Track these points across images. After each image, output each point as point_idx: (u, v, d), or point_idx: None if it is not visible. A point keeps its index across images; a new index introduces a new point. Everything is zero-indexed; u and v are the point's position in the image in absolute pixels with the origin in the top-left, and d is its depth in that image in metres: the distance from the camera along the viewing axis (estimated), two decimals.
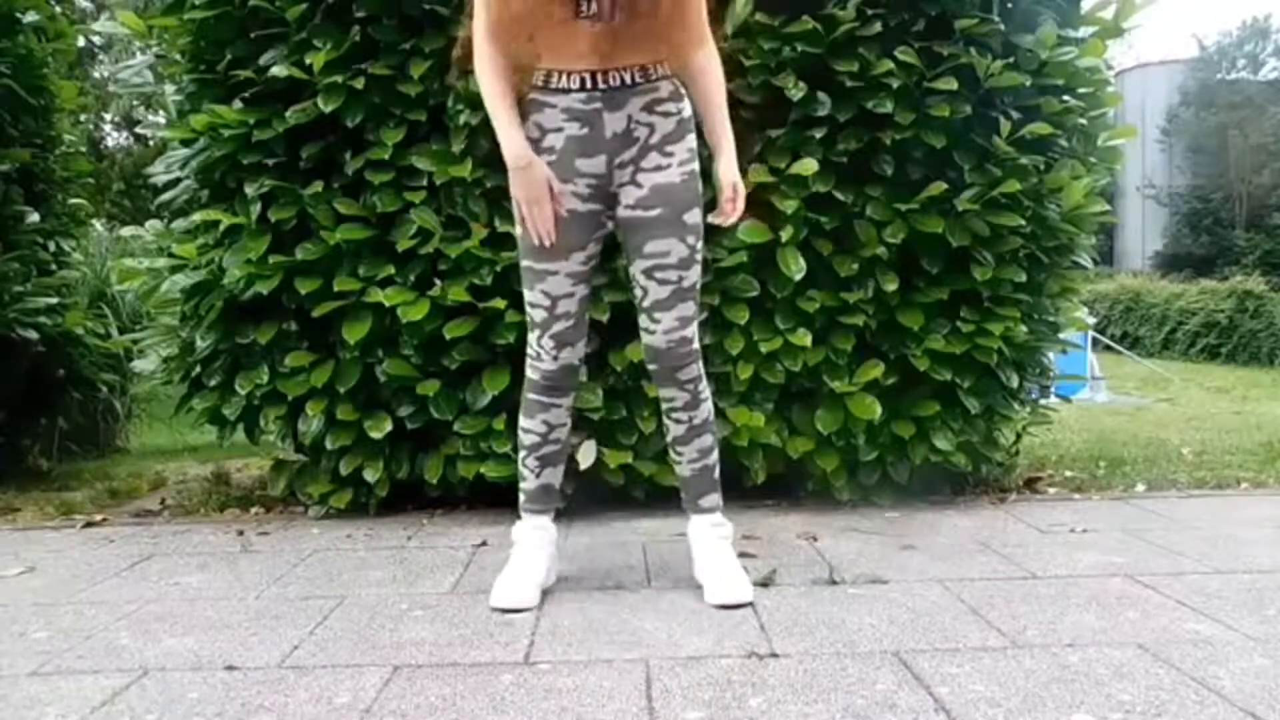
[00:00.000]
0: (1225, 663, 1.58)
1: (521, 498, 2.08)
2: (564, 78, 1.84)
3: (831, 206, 2.66)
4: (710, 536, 2.05)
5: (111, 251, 5.19)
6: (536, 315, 1.97)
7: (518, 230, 1.94)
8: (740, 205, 1.97)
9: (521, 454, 2.07)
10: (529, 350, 2.01)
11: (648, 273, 1.93)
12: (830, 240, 2.68)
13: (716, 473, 2.08)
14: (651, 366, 2.01)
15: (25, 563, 2.41)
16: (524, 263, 1.96)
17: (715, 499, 2.08)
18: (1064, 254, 2.83)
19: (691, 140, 1.94)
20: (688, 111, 1.94)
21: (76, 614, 1.98)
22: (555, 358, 1.98)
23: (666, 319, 1.94)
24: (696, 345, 1.98)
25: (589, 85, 1.84)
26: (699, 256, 1.96)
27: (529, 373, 2.03)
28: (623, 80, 1.84)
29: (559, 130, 1.87)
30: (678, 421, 2.03)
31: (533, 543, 2.03)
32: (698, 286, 1.97)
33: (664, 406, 2.05)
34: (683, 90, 1.94)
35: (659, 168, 1.89)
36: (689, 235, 1.93)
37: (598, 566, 2.24)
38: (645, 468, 2.70)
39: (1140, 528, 2.54)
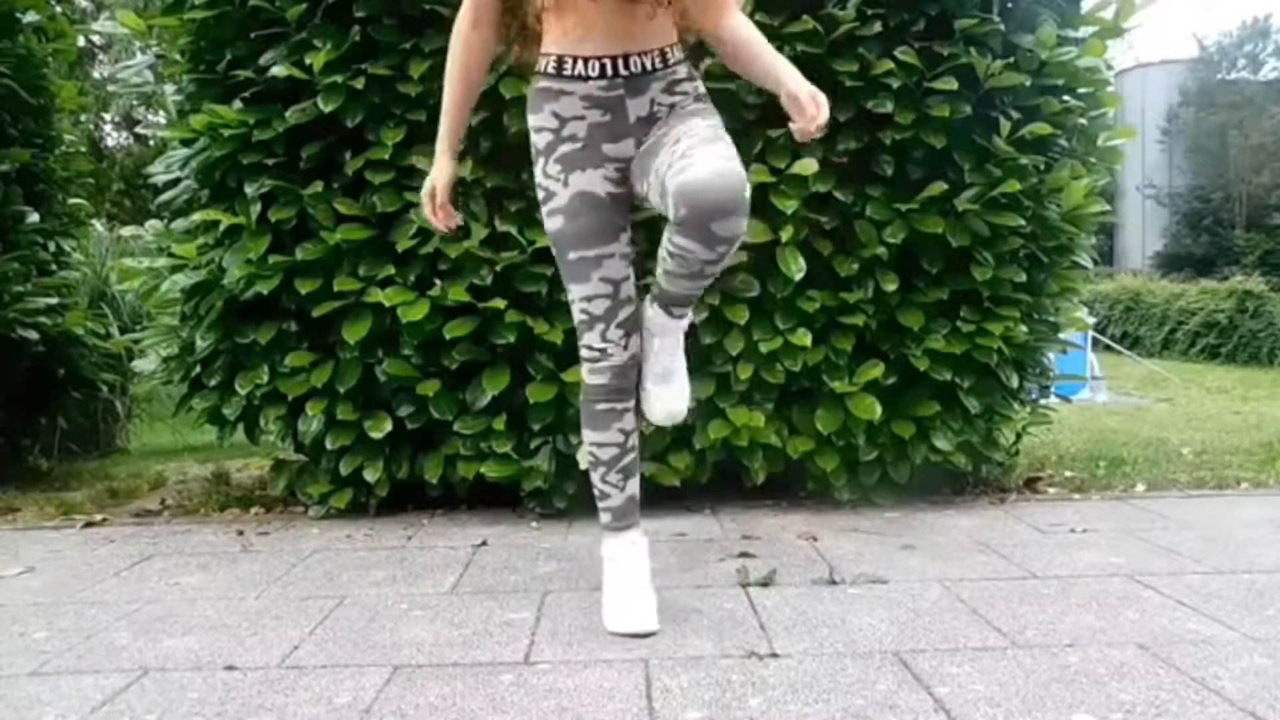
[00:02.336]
0: (1225, 663, 1.58)
1: (606, 517, 1.91)
2: (579, 64, 1.75)
3: (831, 206, 2.67)
4: (672, 327, 1.83)
5: (111, 251, 5.19)
6: (597, 307, 1.81)
7: (553, 225, 1.81)
8: (824, 110, 1.67)
9: (599, 471, 1.89)
10: (588, 354, 1.84)
11: (676, 139, 1.69)
12: (830, 240, 2.68)
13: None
14: (681, 212, 1.59)
15: (25, 563, 2.41)
16: (572, 255, 1.80)
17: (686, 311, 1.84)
18: (1064, 254, 2.83)
19: (706, 101, 1.84)
20: (702, 89, 1.86)
21: (76, 614, 1.98)
22: (625, 347, 1.83)
23: (702, 154, 1.62)
24: (747, 195, 1.61)
25: (609, 72, 1.75)
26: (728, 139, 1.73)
27: (592, 380, 1.85)
28: (644, 66, 1.76)
29: (580, 119, 1.78)
30: (683, 262, 1.67)
31: (634, 559, 1.88)
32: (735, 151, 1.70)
33: (671, 249, 1.67)
34: (695, 71, 1.87)
35: (675, 121, 1.78)
36: (710, 118, 1.77)
37: (597, 566, 2.23)
38: (645, 468, 2.70)
39: (1140, 528, 2.54)
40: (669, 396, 1.86)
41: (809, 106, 1.67)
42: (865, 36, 2.58)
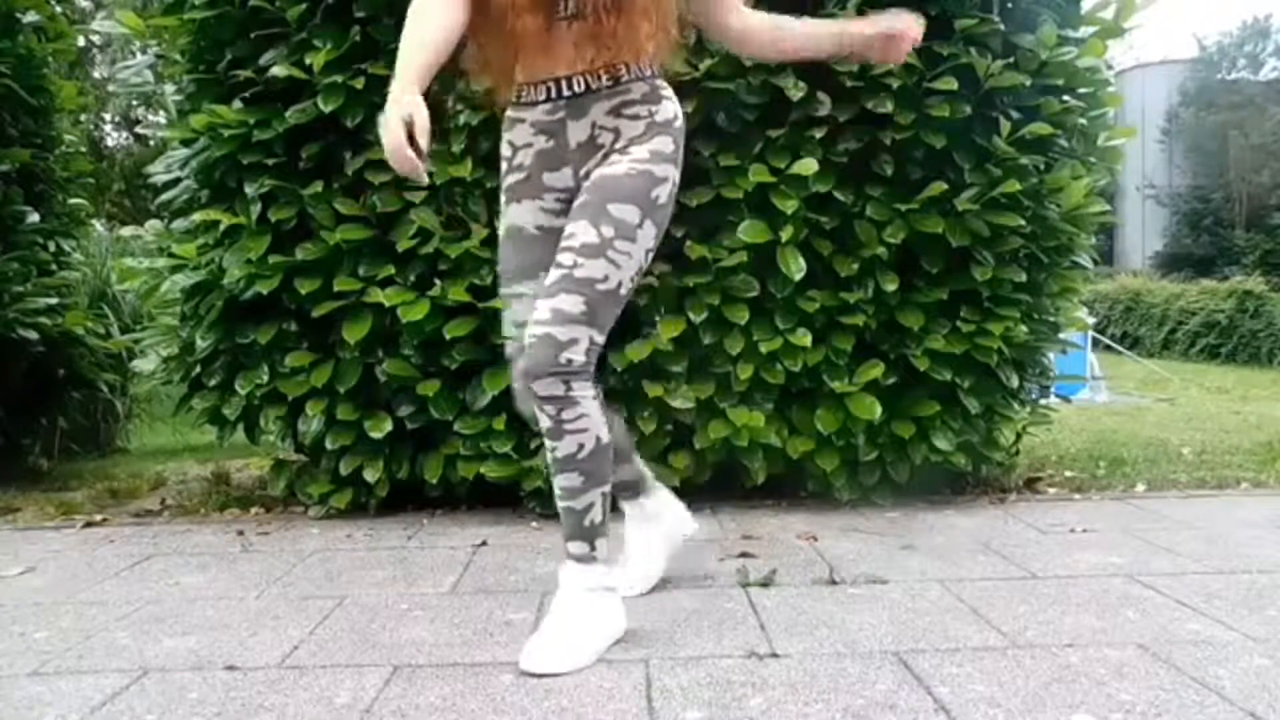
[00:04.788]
0: (1225, 663, 1.58)
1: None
2: (533, 90, 1.71)
3: (831, 206, 2.66)
4: (565, 586, 1.73)
5: (111, 251, 5.19)
6: (509, 347, 1.83)
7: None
8: (907, 37, 1.81)
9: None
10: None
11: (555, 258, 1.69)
12: (830, 240, 2.68)
13: (588, 520, 1.71)
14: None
15: (25, 563, 2.41)
16: (501, 291, 1.84)
17: (581, 548, 1.72)
18: (1064, 254, 2.83)
19: (662, 143, 1.71)
20: (665, 115, 1.73)
21: (76, 614, 1.98)
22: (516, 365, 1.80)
23: (540, 307, 1.63)
24: (575, 359, 1.62)
25: (553, 94, 1.69)
26: (614, 257, 1.64)
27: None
28: (588, 85, 1.68)
29: (528, 146, 1.75)
30: (546, 448, 1.72)
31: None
32: (598, 288, 1.63)
33: None
34: (663, 92, 1.75)
35: (611, 163, 1.69)
36: (605, 225, 1.64)
37: None
38: None
39: (1140, 528, 2.54)
40: (524, 655, 1.63)
41: (897, 31, 1.79)
42: None
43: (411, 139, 1.50)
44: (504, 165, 1.81)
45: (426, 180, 1.60)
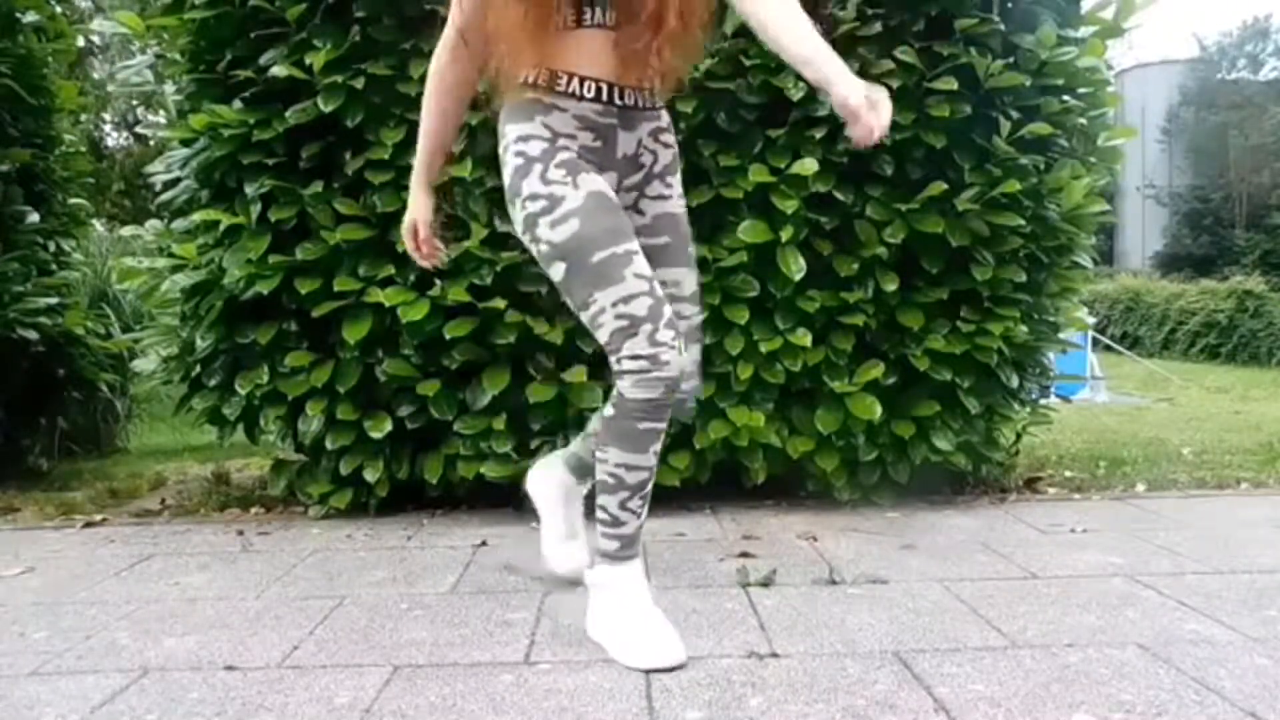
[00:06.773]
0: (1225, 663, 1.58)
1: (613, 545, 1.70)
2: (574, 82, 1.64)
3: (831, 206, 2.66)
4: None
5: (111, 251, 5.20)
6: (640, 308, 1.58)
7: (567, 231, 1.61)
8: (885, 116, 1.60)
9: (619, 496, 1.67)
10: (634, 364, 1.59)
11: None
12: (830, 240, 2.68)
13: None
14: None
15: (25, 563, 2.41)
16: (597, 257, 1.59)
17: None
18: (1064, 254, 2.83)
19: (679, 175, 1.82)
20: (676, 145, 1.82)
21: (76, 614, 1.98)
22: (681, 350, 1.62)
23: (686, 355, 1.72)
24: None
25: (605, 97, 1.66)
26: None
27: (640, 393, 1.60)
28: (637, 101, 1.70)
29: (572, 137, 1.66)
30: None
31: (643, 589, 1.73)
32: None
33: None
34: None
35: (661, 196, 1.77)
36: (695, 269, 1.81)
37: None
38: None
39: (1140, 528, 2.54)
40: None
41: (866, 118, 1.58)
42: (865, 36, 2.58)
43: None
44: (541, 144, 1.66)
45: (445, 262, 1.87)
